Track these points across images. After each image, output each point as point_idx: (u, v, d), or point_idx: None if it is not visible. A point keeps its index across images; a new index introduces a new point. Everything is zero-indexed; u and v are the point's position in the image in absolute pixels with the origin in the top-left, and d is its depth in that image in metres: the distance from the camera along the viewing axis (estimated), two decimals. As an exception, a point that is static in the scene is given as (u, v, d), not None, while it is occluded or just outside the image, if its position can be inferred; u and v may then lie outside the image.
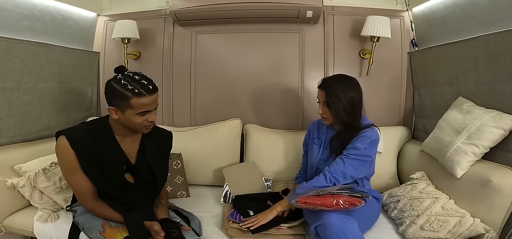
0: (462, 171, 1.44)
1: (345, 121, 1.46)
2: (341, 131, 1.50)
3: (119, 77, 1.20)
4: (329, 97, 1.46)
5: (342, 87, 1.45)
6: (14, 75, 1.71)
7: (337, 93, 1.44)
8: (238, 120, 2.20)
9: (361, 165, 1.46)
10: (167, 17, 2.31)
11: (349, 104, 1.44)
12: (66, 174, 1.27)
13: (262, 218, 1.48)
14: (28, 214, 1.67)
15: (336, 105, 1.44)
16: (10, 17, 1.71)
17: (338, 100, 1.44)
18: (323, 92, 1.49)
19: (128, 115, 1.21)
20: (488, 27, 1.49)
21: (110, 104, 1.22)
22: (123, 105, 1.19)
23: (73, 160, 1.20)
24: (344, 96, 1.43)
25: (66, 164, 1.23)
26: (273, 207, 1.52)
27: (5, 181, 1.62)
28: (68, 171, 1.24)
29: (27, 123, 1.84)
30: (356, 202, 1.31)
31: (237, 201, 1.67)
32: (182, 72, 2.34)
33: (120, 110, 1.20)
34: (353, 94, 1.46)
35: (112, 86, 1.20)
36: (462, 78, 1.67)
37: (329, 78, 1.54)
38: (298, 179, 1.83)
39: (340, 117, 1.45)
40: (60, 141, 1.21)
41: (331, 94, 1.46)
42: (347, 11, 2.19)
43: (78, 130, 1.27)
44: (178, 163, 1.93)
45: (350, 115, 1.45)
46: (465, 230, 1.32)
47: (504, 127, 1.35)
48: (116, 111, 1.22)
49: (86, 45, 2.32)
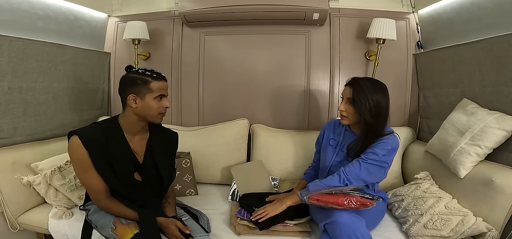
0: (465, 171, 1.47)
1: (368, 121, 1.43)
2: (361, 135, 1.48)
3: (134, 70, 1.33)
4: (356, 94, 1.44)
5: (371, 87, 1.44)
6: (30, 75, 1.77)
7: (365, 92, 1.42)
8: (245, 119, 2.23)
9: (377, 170, 1.45)
10: (175, 18, 2.36)
11: (375, 106, 1.42)
12: (80, 173, 1.31)
13: (271, 210, 1.49)
14: (42, 211, 1.71)
15: (361, 104, 1.42)
16: (26, 18, 1.76)
17: (365, 100, 1.41)
18: (351, 89, 1.47)
19: (147, 100, 1.29)
20: (493, 30, 1.51)
21: (129, 93, 1.29)
22: (143, 90, 1.28)
23: (86, 159, 1.25)
24: (372, 97, 1.41)
25: (79, 163, 1.27)
26: (282, 201, 1.52)
27: (21, 178, 1.67)
28: (82, 170, 1.28)
29: (42, 122, 1.89)
30: (367, 203, 1.32)
31: (244, 199, 1.70)
32: (190, 72, 2.39)
33: (140, 96, 1.29)
34: (381, 98, 1.44)
35: (130, 76, 1.30)
36: (467, 80, 1.69)
37: (359, 77, 1.51)
38: (306, 175, 1.83)
39: (364, 117, 1.42)
40: (73, 140, 1.25)
41: (359, 91, 1.44)
42: (353, 13, 2.22)
43: (90, 129, 1.32)
44: (187, 162, 1.97)
45: (374, 118, 1.42)
46: (467, 228, 1.34)
47: (507, 128, 1.38)
48: (135, 99, 1.29)
49: (97, 46, 2.38)
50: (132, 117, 1.34)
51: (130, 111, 1.33)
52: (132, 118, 1.35)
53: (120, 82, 1.34)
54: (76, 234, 1.52)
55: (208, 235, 1.41)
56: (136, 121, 1.35)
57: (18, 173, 1.67)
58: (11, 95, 1.68)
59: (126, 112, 1.35)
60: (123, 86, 1.32)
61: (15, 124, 1.72)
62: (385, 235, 1.50)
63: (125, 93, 1.31)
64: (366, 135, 1.46)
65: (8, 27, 1.65)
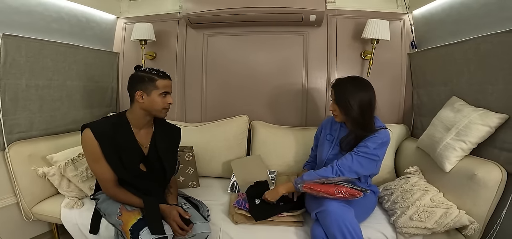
0: (450, 165, 1.53)
1: (354, 118, 1.52)
2: (352, 130, 1.57)
3: (142, 69, 1.46)
4: (338, 96, 1.56)
5: (351, 87, 1.53)
6: (46, 73, 1.90)
7: (346, 93, 1.52)
8: (245, 116, 2.33)
9: (368, 163, 1.52)
10: (180, 20, 2.47)
11: (358, 104, 1.50)
12: (91, 163, 1.42)
13: (269, 197, 1.61)
14: (55, 202, 1.82)
15: (344, 104, 1.53)
16: (42, 20, 1.90)
17: (347, 100, 1.51)
18: (333, 91, 1.60)
19: (153, 96, 1.42)
20: (481, 29, 1.56)
21: (137, 89, 1.42)
22: (150, 87, 1.41)
23: (97, 150, 1.37)
24: (353, 96, 1.50)
25: (91, 154, 1.39)
26: (277, 188, 1.62)
27: (37, 170, 1.79)
28: (93, 160, 1.40)
29: (56, 117, 2.02)
30: (356, 194, 1.41)
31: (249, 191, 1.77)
32: (194, 71, 2.49)
33: (146, 92, 1.42)
34: (363, 95, 1.51)
35: (139, 74, 1.44)
36: (456, 79, 1.75)
37: (341, 79, 1.61)
38: (307, 166, 1.94)
39: (350, 115, 1.52)
40: (85, 133, 1.37)
41: (340, 93, 1.55)
42: (349, 14, 2.28)
43: (101, 123, 1.44)
44: (189, 155, 2.08)
45: (359, 114, 1.51)
46: (450, 221, 1.41)
47: (490, 124, 1.43)
48: (142, 95, 1.42)
49: (107, 46, 2.51)
50: (139, 112, 1.46)
51: (137, 107, 1.45)
52: (139, 113, 1.47)
53: (130, 80, 1.47)
54: (86, 223, 1.64)
55: (207, 223, 1.51)
56: (143, 115, 1.47)
57: (34, 165, 1.79)
58: (28, 92, 1.81)
59: (133, 107, 1.47)
60: (132, 83, 1.45)
61: (32, 119, 1.85)
62: (374, 227, 1.56)
63: (133, 90, 1.44)
64: (356, 130, 1.54)
65: (26, 29, 1.79)
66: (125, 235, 1.33)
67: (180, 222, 1.37)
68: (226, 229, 1.58)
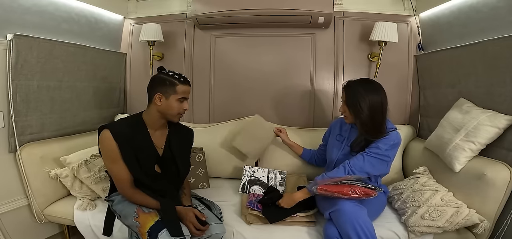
0: (460, 166, 1.56)
1: (364, 121, 1.52)
2: (361, 133, 1.56)
3: (165, 71, 1.46)
4: (349, 99, 1.57)
5: (362, 90, 1.53)
6: (56, 74, 1.90)
7: (357, 96, 1.52)
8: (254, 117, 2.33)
9: (379, 164, 1.54)
10: (188, 21, 2.47)
11: (369, 107, 1.50)
12: (108, 163, 1.42)
13: (285, 205, 1.62)
14: (66, 204, 1.82)
15: (355, 107, 1.53)
16: (52, 20, 1.90)
17: (358, 103, 1.51)
18: (344, 92, 1.61)
19: (171, 100, 1.44)
20: (489, 33, 1.60)
21: (157, 92, 1.44)
22: (169, 91, 1.43)
23: (115, 150, 1.37)
24: (364, 99, 1.50)
25: (109, 155, 1.39)
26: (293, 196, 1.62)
27: (49, 171, 1.79)
28: (111, 160, 1.40)
29: (66, 118, 2.02)
30: (370, 193, 1.43)
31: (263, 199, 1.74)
32: (201, 72, 2.50)
33: (165, 96, 1.43)
34: (374, 98, 1.51)
35: (161, 77, 1.45)
36: (463, 81, 1.78)
37: (352, 81, 1.61)
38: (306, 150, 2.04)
39: (360, 118, 1.52)
40: (104, 133, 1.38)
41: (351, 96, 1.55)
42: (356, 16, 2.31)
43: (119, 124, 1.46)
44: (200, 156, 2.10)
45: (370, 118, 1.51)
46: (461, 219, 1.44)
47: (499, 125, 1.47)
48: (160, 98, 1.43)
49: (114, 47, 2.51)
50: (154, 114, 1.47)
51: (154, 109, 1.46)
52: (154, 115, 1.48)
53: (151, 81, 1.47)
54: (99, 225, 1.65)
55: (221, 223, 1.54)
56: (158, 117, 1.48)
57: (46, 167, 1.79)
58: (40, 93, 1.81)
59: (150, 108, 1.48)
60: (152, 85, 1.46)
61: (43, 120, 1.85)
62: (385, 226, 1.58)
63: (153, 91, 1.45)
64: (366, 133, 1.55)
65: (37, 29, 1.79)
66: (142, 237, 1.33)
67: (196, 223, 1.39)
68: (240, 229, 1.60)
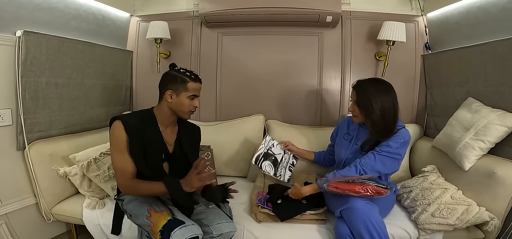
0: (469, 164, 1.58)
1: (375, 122, 1.51)
2: (372, 133, 1.55)
3: (176, 68, 1.47)
4: (360, 99, 1.56)
5: (373, 91, 1.52)
6: (65, 72, 1.89)
7: (368, 96, 1.51)
8: (261, 115, 2.36)
9: (390, 162, 1.54)
10: (194, 18, 2.47)
11: (380, 108, 1.50)
12: (114, 152, 1.39)
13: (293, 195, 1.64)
14: (75, 202, 1.81)
15: (366, 107, 1.52)
16: (61, 17, 1.89)
17: (369, 103, 1.51)
18: (355, 92, 1.60)
19: (181, 97, 1.44)
20: (498, 34, 1.62)
21: (168, 88, 1.44)
22: (180, 88, 1.43)
23: (124, 141, 1.37)
24: (375, 100, 1.50)
25: (117, 144, 1.38)
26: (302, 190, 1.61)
27: (58, 169, 1.78)
28: (117, 150, 1.38)
29: (74, 116, 2.01)
30: (382, 191, 1.43)
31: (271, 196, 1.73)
32: (208, 71, 2.49)
33: (176, 93, 1.43)
34: (386, 99, 1.51)
35: (172, 74, 1.45)
36: (472, 80, 1.80)
37: (363, 80, 1.60)
38: (317, 153, 2.03)
39: (371, 118, 1.52)
40: (116, 124, 1.38)
41: (363, 96, 1.55)
42: (364, 16, 2.32)
43: (130, 116, 1.46)
44: (208, 154, 2.10)
45: (381, 118, 1.50)
46: (471, 217, 1.46)
47: (508, 124, 1.49)
48: (171, 95, 1.44)
49: (121, 44, 2.50)
50: (165, 111, 1.47)
51: (165, 105, 1.46)
52: (165, 112, 1.48)
53: (163, 77, 1.48)
54: (108, 223, 1.64)
55: (232, 222, 1.52)
56: (169, 114, 1.48)
57: (54, 165, 1.78)
58: (49, 90, 1.79)
59: (161, 105, 1.48)
60: (164, 81, 1.46)
61: (51, 117, 1.84)
62: (395, 224, 1.58)
63: (164, 88, 1.45)
64: (377, 133, 1.55)
65: (46, 26, 1.77)
66: (154, 236, 1.31)
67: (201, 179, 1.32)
68: (250, 227, 1.60)
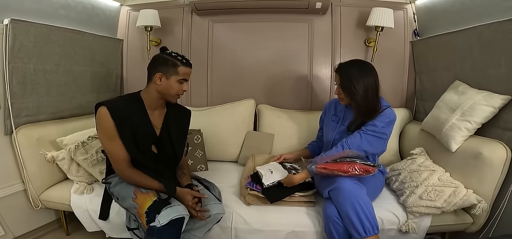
0: (456, 145, 1.59)
1: (359, 102, 1.53)
2: (357, 114, 1.58)
3: (167, 52, 1.45)
4: (343, 81, 1.57)
5: (356, 72, 1.54)
6: (53, 58, 1.87)
7: (350, 78, 1.53)
8: (252, 100, 2.36)
9: (377, 142, 1.55)
10: (185, 7, 2.46)
11: (363, 88, 1.52)
12: (105, 141, 1.39)
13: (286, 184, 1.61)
14: (63, 188, 1.79)
15: (349, 89, 1.54)
16: (50, 6, 1.88)
17: (351, 84, 1.52)
18: (338, 75, 1.61)
19: (171, 81, 1.42)
20: (483, 18, 1.62)
21: (158, 71, 1.41)
22: (171, 71, 1.41)
23: (112, 128, 1.34)
24: (358, 81, 1.52)
25: (106, 132, 1.36)
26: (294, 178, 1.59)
27: (45, 154, 1.77)
28: (108, 138, 1.37)
29: (63, 101, 2.00)
30: (370, 170, 1.44)
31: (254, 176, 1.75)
32: (199, 58, 2.47)
33: (166, 76, 1.41)
34: (367, 79, 1.53)
35: (163, 57, 1.43)
36: (459, 64, 1.81)
37: (344, 63, 1.61)
38: (309, 145, 2.00)
39: (355, 99, 1.54)
40: (101, 111, 1.35)
41: (345, 78, 1.56)
42: (353, 3, 2.33)
43: (116, 101, 1.43)
44: (198, 138, 2.09)
45: (364, 98, 1.53)
46: (459, 200, 1.46)
47: (494, 105, 1.50)
48: (161, 78, 1.42)
49: (111, 33, 2.49)
50: (153, 93, 1.46)
51: (153, 88, 1.44)
52: (153, 94, 1.46)
53: (153, 60, 1.45)
54: (97, 209, 1.63)
55: (220, 203, 1.54)
56: (156, 97, 1.47)
57: (42, 149, 1.77)
58: (36, 76, 1.78)
59: (149, 87, 1.46)
60: (153, 64, 1.44)
61: (39, 102, 1.83)
62: (384, 207, 1.59)
63: (154, 70, 1.42)
64: (362, 114, 1.56)
65: (34, 15, 1.77)
66: (140, 218, 1.31)
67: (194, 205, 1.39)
68: (239, 210, 1.60)
